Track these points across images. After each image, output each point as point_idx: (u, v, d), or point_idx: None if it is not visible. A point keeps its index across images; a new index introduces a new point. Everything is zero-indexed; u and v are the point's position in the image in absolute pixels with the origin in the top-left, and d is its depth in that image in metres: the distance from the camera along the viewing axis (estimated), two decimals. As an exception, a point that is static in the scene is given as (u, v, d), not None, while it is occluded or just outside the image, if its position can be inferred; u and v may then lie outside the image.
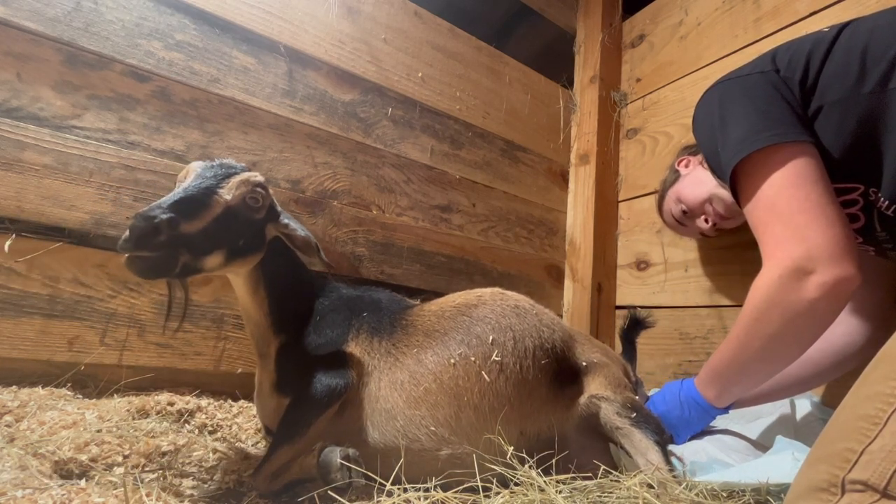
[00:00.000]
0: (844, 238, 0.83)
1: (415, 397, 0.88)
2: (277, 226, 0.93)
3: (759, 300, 0.89)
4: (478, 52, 1.86)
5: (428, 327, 0.97)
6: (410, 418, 0.88)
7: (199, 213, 0.77)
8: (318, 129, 1.45)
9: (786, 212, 0.86)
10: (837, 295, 0.82)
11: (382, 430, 0.89)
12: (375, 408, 0.90)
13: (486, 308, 0.97)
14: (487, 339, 0.91)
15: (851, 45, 0.88)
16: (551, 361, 0.94)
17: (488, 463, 0.79)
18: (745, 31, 1.63)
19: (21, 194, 1.04)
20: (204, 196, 0.79)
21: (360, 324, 1.00)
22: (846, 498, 0.49)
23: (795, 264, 0.83)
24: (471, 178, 1.78)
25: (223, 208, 0.80)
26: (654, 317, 1.79)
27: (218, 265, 0.82)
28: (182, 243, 0.73)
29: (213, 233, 0.78)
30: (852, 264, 0.81)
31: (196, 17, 1.27)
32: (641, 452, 0.89)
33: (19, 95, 1.05)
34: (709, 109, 1.03)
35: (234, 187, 0.83)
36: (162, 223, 0.69)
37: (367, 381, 0.92)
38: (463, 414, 0.87)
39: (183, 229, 0.73)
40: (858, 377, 0.57)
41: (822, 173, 0.87)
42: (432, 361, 0.91)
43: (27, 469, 0.73)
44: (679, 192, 1.48)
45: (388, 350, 0.95)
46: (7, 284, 1.02)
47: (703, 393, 1.03)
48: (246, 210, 0.85)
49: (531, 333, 0.94)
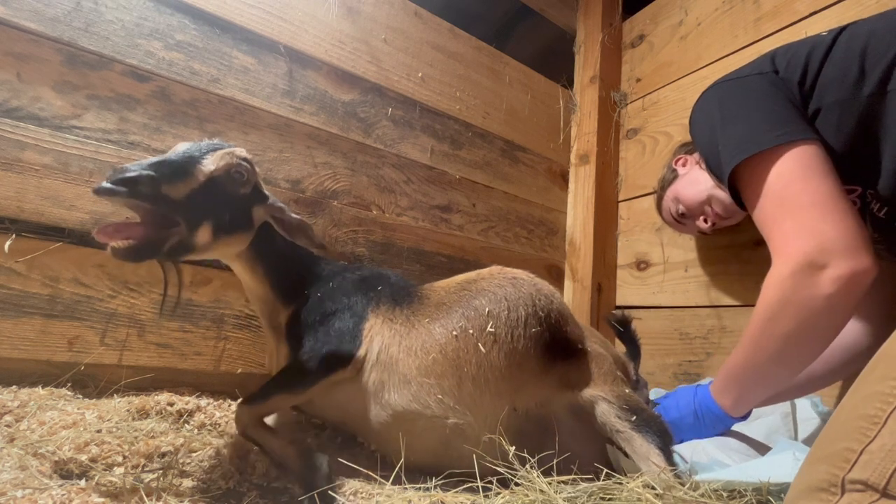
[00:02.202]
0: (857, 230, 0.80)
1: (426, 366, 0.91)
2: (267, 208, 0.93)
3: (771, 299, 0.86)
4: (478, 53, 1.86)
5: (438, 300, 1.00)
6: (421, 385, 0.90)
7: (179, 177, 0.74)
8: (318, 129, 1.45)
9: (795, 206, 0.83)
10: (854, 289, 0.79)
11: (400, 393, 0.91)
12: (394, 370, 0.92)
13: (485, 281, 0.99)
14: (484, 311, 0.93)
15: (850, 47, 0.88)
16: (543, 330, 0.94)
17: (489, 463, 0.79)
18: (745, 32, 1.63)
19: (21, 194, 1.04)
20: (185, 163, 0.77)
21: (380, 296, 1.01)
22: (846, 498, 0.49)
23: (808, 259, 0.80)
24: (471, 178, 1.78)
25: (206, 177, 0.79)
26: (646, 314, 1.80)
27: (207, 242, 0.81)
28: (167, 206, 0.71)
29: (197, 202, 0.76)
30: (867, 256, 0.79)
31: (196, 17, 1.27)
32: (643, 457, 0.88)
33: (19, 95, 1.05)
34: (708, 110, 1.02)
35: (219, 158, 0.82)
36: (142, 176, 0.67)
37: (389, 345, 0.94)
38: (463, 385, 0.89)
39: (164, 190, 0.71)
40: (857, 377, 0.57)
41: (831, 168, 0.85)
42: (439, 333, 0.93)
43: (27, 469, 0.72)
44: (677, 193, 1.48)
45: (408, 317, 0.98)
46: (7, 284, 1.02)
47: (719, 401, 1.00)
48: (230, 183, 0.84)
49: (525, 301, 0.94)
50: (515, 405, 0.92)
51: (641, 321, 1.80)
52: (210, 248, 0.84)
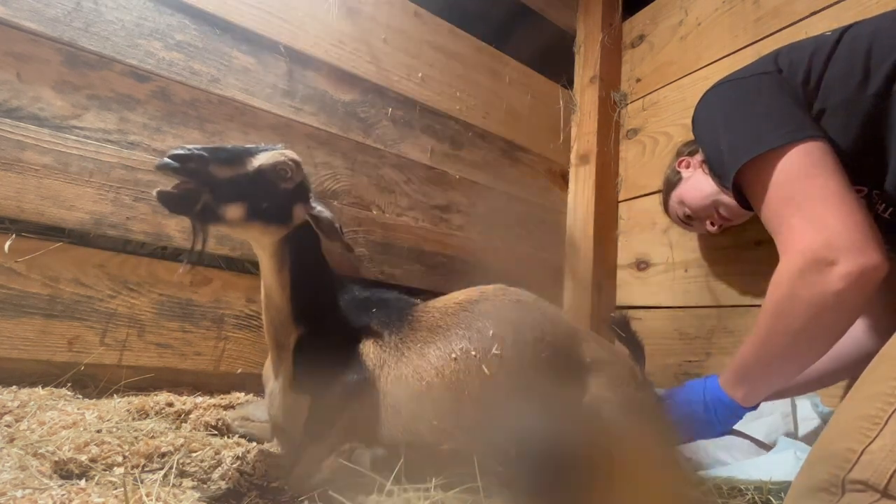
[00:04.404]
0: (867, 226, 0.79)
1: (417, 391, 0.89)
2: (307, 207, 0.94)
3: (779, 295, 0.85)
4: (478, 53, 1.86)
5: (432, 323, 0.98)
6: (413, 412, 0.88)
7: (230, 162, 0.81)
8: (318, 129, 1.45)
9: (803, 202, 0.82)
10: (863, 285, 0.78)
11: (388, 424, 0.89)
12: (383, 403, 0.91)
13: (487, 303, 0.97)
14: (488, 332, 0.91)
15: (854, 47, 0.87)
16: (552, 355, 0.93)
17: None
18: (745, 32, 1.63)
19: (21, 194, 1.04)
20: (239, 153, 0.84)
21: (372, 320, 1.01)
22: (846, 497, 0.49)
23: (817, 255, 0.79)
24: (471, 178, 1.78)
25: (254, 169, 0.84)
26: (646, 314, 1.80)
27: (238, 219, 0.83)
28: (207, 182, 0.77)
29: (239, 184, 0.82)
30: (878, 252, 0.78)
31: (196, 17, 1.27)
32: None
33: (19, 95, 1.05)
34: (710, 112, 1.02)
35: (269, 156, 0.87)
36: (194, 153, 0.74)
37: (378, 375, 0.93)
38: (464, 408, 0.87)
39: (212, 169, 0.76)
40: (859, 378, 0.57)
41: (838, 165, 0.84)
42: (435, 356, 0.91)
43: (27, 469, 0.72)
44: (682, 196, 1.47)
45: (396, 345, 0.96)
46: (7, 284, 1.02)
47: (730, 393, 0.99)
48: (274, 175, 0.87)
49: (532, 326, 0.93)
50: None
51: (641, 321, 1.80)
52: (241, 226, 0.86)
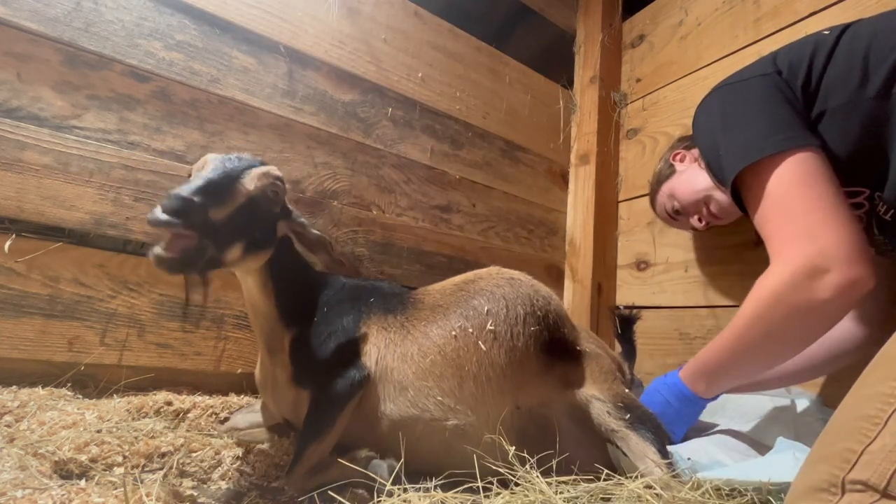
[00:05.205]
0: (858, 239, 0.81)
1: (423, 369, 0.91)
2: (291, 223, 0.93)
3: (766, 298, 0.87)
4: (478, 53, 1.86)
5: (433, 303, 1.00)
6: (419, 389, 0.90)
7: (224, 199, 0.76)
8: (318, 129, 1.45)
9: (797, 210, 0.84)
10: (850, 297, 0.80)
11: (396, 401, 0.91)
12: (390, 379, 0.92)
13: (482, 282, 1.00)
14: (483, 309, 0.94)
15: (853, 48, 0.87)
16: (542, 329, 0.95)
17: (489, 464, 0.79)
18: (745, 32, 1.63)
19: (21, 194, 1.04)
20: (229, 183, 0.78)
21: (370, 307, 1.01)
22: (846, 498, 0.49)
23: (810, 263, 0.81)
24: (471, 178, 1.78)
25: (246, 198, 0.80)
26: (646, 314, 1.80)
27: (237, 258, 0.81)
28: (209, 230, 0.71)
29: (236, 222, 0.77)
30: (867, 267, 0.79)
31: (196, 17, 1.27)
32: (640, 456, 0.88)
33: (19, 95, 1.05)
34: (709, 115, 1.02)
35: (256, 178, 0.82)
36: (196, 204, 0.67)
37: (384, 355, 0.94)
38: (465, 384, 0.90)
39: (211, 215, 0.72)
40: (858, 377, 0.57)
41: (832, 175, 0.86)
42: (436, 334, 0.94)
43: (27, 469, 0.73)
44: (673, 189, 1.46)
45: (402, 324, 0.98)
46: (7, 284, 1.02)
47: (691, 386, 1.02)
48: (266, 202, 0.85)
49: (523, 301, 0.95)
50: (518, 403, 0.92)
51: (641, 321, 1.79)
52: (238, 264, 0.83)
